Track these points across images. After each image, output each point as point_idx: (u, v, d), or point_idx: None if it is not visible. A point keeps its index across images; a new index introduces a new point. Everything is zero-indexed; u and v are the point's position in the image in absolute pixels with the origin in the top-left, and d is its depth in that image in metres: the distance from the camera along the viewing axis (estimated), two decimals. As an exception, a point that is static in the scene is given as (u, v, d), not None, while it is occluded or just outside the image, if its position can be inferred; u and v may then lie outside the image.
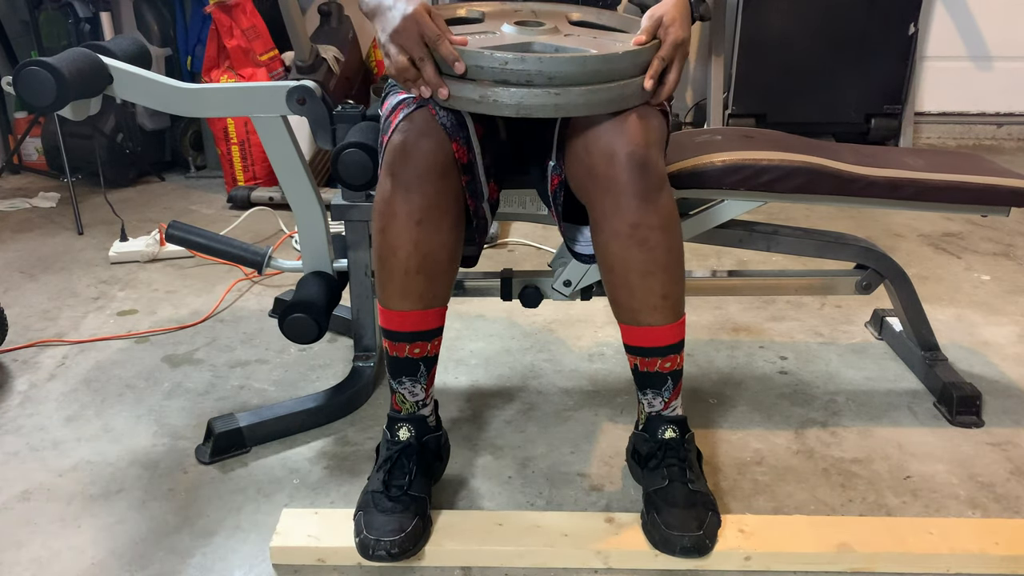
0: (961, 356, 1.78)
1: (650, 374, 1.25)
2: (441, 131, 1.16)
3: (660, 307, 1.20)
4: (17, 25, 3.18)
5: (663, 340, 1.22)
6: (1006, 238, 2.46)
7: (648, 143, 1.16)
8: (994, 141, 3.60)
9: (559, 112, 1.12)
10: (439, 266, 1.20)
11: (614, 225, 1.17)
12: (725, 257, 2.30)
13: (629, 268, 1.18)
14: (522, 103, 1.11)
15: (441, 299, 1.25)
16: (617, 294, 1.22)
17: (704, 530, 1.18)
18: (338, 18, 3.12)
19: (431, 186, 1.16)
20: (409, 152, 1.15)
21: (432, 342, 1.26)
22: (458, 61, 1.10)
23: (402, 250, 1.18)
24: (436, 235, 1.18)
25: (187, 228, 1.64)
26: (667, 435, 1.26)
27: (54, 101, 1.37)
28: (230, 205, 2.78)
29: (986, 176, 1.49)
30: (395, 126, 1.18)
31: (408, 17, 1.10)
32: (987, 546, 1.19)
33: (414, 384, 1.27)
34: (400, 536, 1.17)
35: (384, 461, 1.26)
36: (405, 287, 1.21)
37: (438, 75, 1.12)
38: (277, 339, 1.84)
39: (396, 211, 1.17)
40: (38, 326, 1.95)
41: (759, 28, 3.17)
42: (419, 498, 1.23)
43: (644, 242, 1.16)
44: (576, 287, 1.50)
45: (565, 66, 1.10)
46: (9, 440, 1.51)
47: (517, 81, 1.10)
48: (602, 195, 1.17)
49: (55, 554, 1.24)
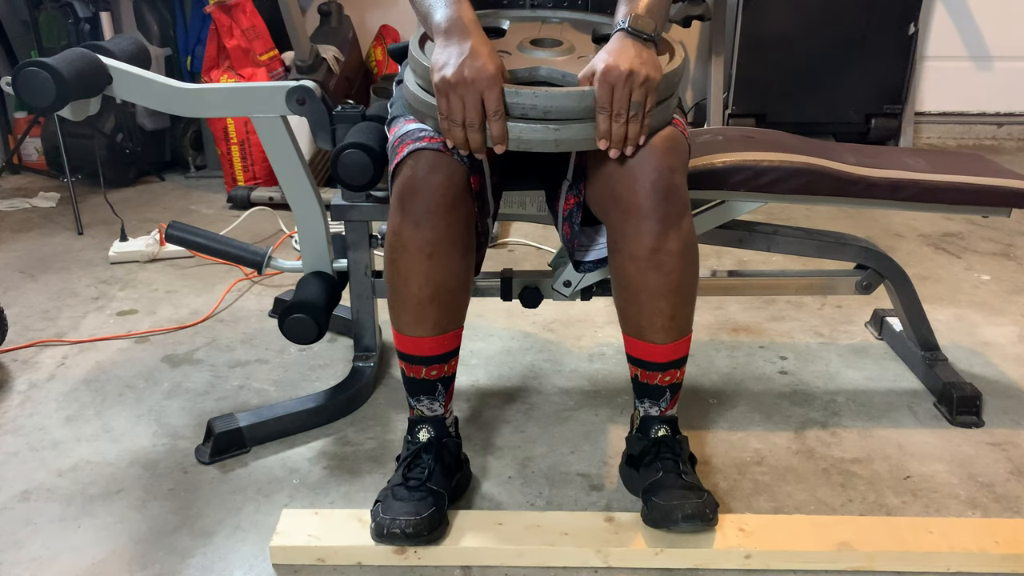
0: (961, 356, 1.78)
1: (649, 386, 1.26)
2: (451, 164, 1.14)
3: (667, 327, 1.20)
4: (17, 25, 3.17)
5: (666, 357, 1.23)
6: (1006, 238, 2.46)
7: (673, 168, 1.14)
8: (994, 141, 3.60)
9: (560, 147, 1.10)
10: (452, 295, 1.21)
11: (632, 249, 1.16)
12: (725, 257, 2.30)
13: (643, 289, 1.18)
14: (521, 137, 1.09)
15: (456, 323, 1.25)
16: (627, 309, 1.22)
17: (704, 501, 1.18)
18: (338, 18, 3.12)
19: (441, 220, 1.15)
20: (418, 188, 1.14)
21: (449, 363, 1.27)
22: (502, 144, 1.08)
23: (414, 283, 1.18)
24: (448, 266, 1.18)
25: (187, 228, 1.64)
26: (660, 433, 1.27)
27: (54, 101, 1.37)
28: (230, 205, 2.78)
29: (987, 176, 1.49)
30: (402, 158, 1.16)
31: (483, 78, 1.05)
32: (987, 546, 1.19)
33: (432, 401, 1.28)
34: (416, 518, 1.17)
35: (404, 458, 1.27)
36: (419, 316, 1.21)
37: (483, 145, 1.10)
38: (277, 339, 1.84)
39: (407, 244, 1.16)
40: (38, 326, 1.95)
41: (759, 28, 3.17)
42: (437, 491, 1.23)
43: (661, 266, 1.15)
44: (576, 287, 1.50)
45: (561, 101, 1.07)
46: (9, 440, 1.51)
47: (512, 114, 1.08)
48: (623, 219, 1.16)
49: (55, 554, 1.24)
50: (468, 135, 1.09)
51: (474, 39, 1.09)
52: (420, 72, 1.15)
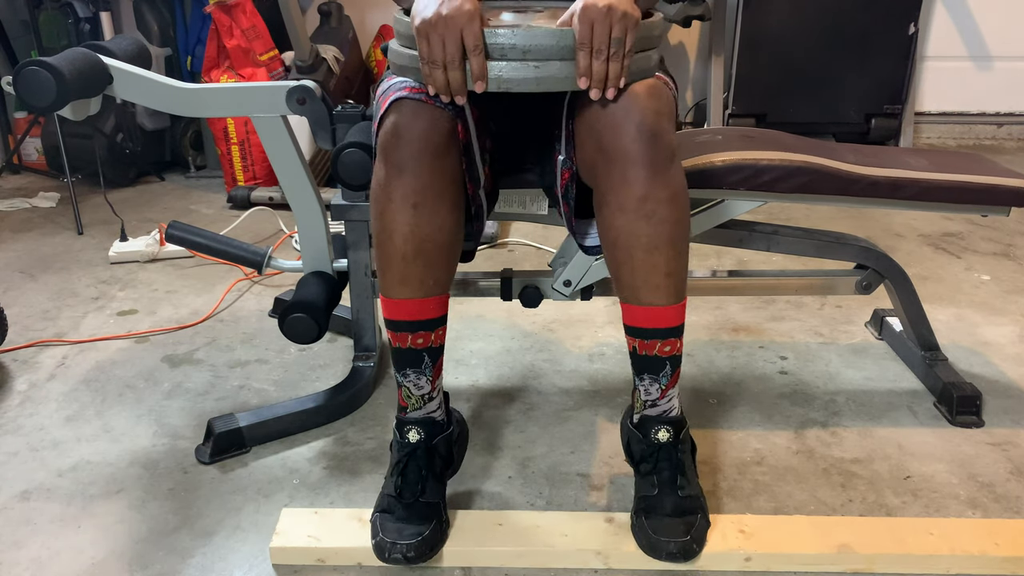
0: (961, 356, 1.78)
1: (649, 357, 1.22)
2: (434, 111, 1.13)
3: (663, 286, 1.17)
4: (17, 25, 3.17)
5: (664, 321, 1.20)
6: (1006, 238, 2.46)
7: (658, 112, 1.13)
8: (994, 141, 3.60)
9: (541, 86, 1.10)
10: (438, 250, 1.18)
11: (621, 198, 1.14)
12: (725, 257, 2.30)
13: (634, 243, 1.15)
14: (501, 76, 1.09)
15: (442, 286, 1.22)
16: (620, 271, 1.19)
17: (691, 534, 1.18)
18: (338, 18, 3.12)
19: (425, 167, 1.13)
20: (401, 133, 1.13)
21: (435, 332, 1.24)
22: (482, 80, 1.08)
23: (398, 235, 1.16)
24: (434, 218, 1.16)
25: (187, 228, 1.64)
26: (660, 436, 1.23)
27: (54, 101, 1.37)
28: (230, 205, 2.78)
29: (987, 176, 1.49)
30: (386, 108, 1.16)
31: (462, 13, 1.06)
32: (987, 546, 1.19)
33: (419, 376, 1.25)
34: (417, 540, 1.17)
35: (395, 465, 1.25)
36: (404, 274, 1.18)
37: (463, 84, 1.09)
38: (277, 339, 1.84)
39: (391, 195, 1.14)
40: (38, 326, 1.95)
41: (759, 28, 3.17)
42: (433, 504, 1.22)
43: (651, 215, 1.13)
44: (576, 287, 1.50)
45: (540, 39, 1.08)
46: (9, 440, 1.51)
47: (492, 55, 1.09)
48: (609, 167, 1.14)
49: (55, 554, 1.24)
50: (448, 75, 1.09)
51: None
52: (403, 31, 1.17)
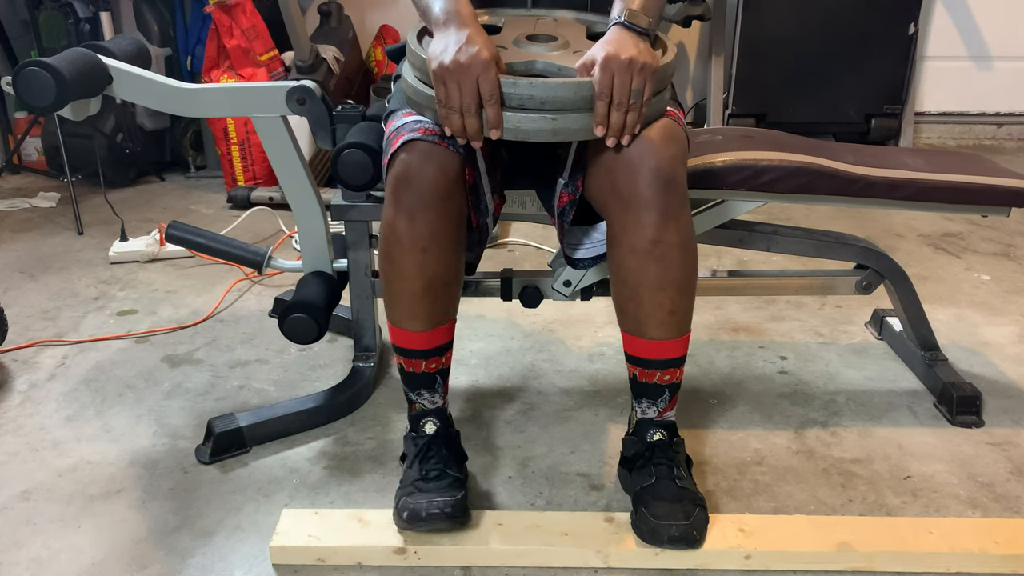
0: (961, 356, 1.78)
1: (648, 385, 1.25)
2: (445, 154, 1.15)
3: (666, 322, 1.20)
4: (17, 25, 3.17)
5: (665, 354, 1.22)
6: (1006, 238, 2.46)
7: (674, 158, 1.14)
8: (994, 141, 3.59)
9: (558, 136, 1.11)
10: (445, 287, 1.22)
11: (633, 241, 1.16)
12: (725, 257, 2.30)
13: (642, 282, 1.18)
14: (519, 127, 1.10)
15: (450, 315, 1.27)
16: (625, 305, 1.22)
17: (692, 521, 1.18)
18: (338, 18, 3.12)
19: (434, 213, 1.16)
20: (412, 180, 1.15)
21: (445, 355, 1.29)
22: (497, 129, 1.09)
23: (408, 277, 1.19)
24: (441, 260, 1.19)
25: (187, 228, 1.64)
26: (655, 437, 1.26)
27: (54, 101, 1.37)
28: (230, 205, 2.78)
29: (986, 176, 1.49)
30: (396, 150, 1.17)
31: (478, 63, 1.07)
32: (987, 546, 1.19)
33: (433, 393, 1.30)
34: (453, 498, 1.18)
35: (416, 456, 1.26)
36: (413, 309, 1.22)
37: (480, 131, 1.11)
38: (277, 339, 1.84)
39: (400, 238, 1.17)
40: (38, 326, 1.95)
41: (759, 28, 3.17)
42: (459, 477, 1.24)
43: (662, 258, 1.15)
44: (576, 287, 1.50)
45: (558, 91, 1.08)
46: (9, 440, 1.51)
47: (510, 104, 1.09)
48: (623, 210, 1.15)
49: (55, 554, 1.24)
50: (465, 121, 1.10)
51: (470, 29, 1.11)
52: (418, 65, 1.17)
